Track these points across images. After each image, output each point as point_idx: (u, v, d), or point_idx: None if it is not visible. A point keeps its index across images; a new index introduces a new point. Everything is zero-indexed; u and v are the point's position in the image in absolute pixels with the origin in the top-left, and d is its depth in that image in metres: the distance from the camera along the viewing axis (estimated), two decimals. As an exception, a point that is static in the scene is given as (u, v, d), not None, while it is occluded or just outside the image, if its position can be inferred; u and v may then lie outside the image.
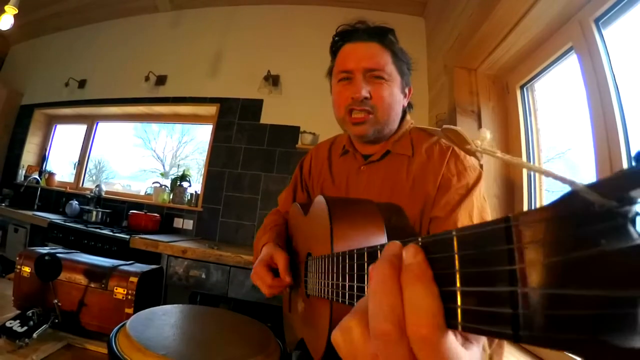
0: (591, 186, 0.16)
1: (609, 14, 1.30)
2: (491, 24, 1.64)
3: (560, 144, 1.75)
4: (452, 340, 0.24)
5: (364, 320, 0.28)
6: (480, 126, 1.94)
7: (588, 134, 1.33)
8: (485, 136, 0.47)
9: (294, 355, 1.00)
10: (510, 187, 1.87)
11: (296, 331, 0.87)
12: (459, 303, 0.22)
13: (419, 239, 0.27)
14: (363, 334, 0.28)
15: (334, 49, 1.00)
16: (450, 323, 0.23)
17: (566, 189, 0.18)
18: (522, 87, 1.88)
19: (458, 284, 0.22)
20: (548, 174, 0.25)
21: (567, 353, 0.17)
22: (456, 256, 0.23)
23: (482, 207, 0.86)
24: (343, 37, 0.97)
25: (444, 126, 0.56)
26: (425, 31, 3.02)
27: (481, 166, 0.91)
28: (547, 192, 1.73)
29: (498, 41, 1.73)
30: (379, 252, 0.34)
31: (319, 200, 0.72)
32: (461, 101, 1.99)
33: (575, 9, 1.41)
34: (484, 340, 0.25)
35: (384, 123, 0.93)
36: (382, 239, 0.60)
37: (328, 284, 0.54)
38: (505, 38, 1.68)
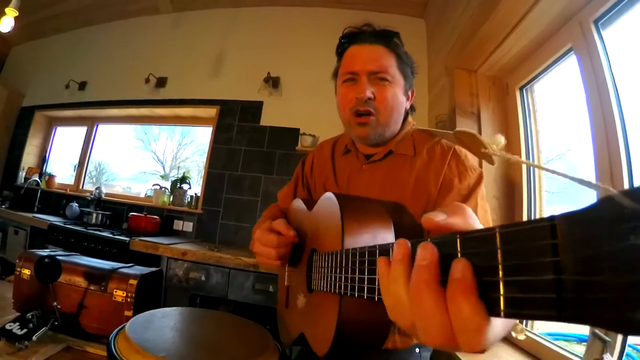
0: (624, 192, 0.19)
1: (609, 15, 1.30)
2: (491, 25, 1.64)
3: (559, 144, 1.75)
4: (489, 331, 0.28)
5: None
6: (480, 127, 1.94)
7: (587, 135, 1.33)
8: (500, 141, 0.49)
9: (294, 351, 1.00)
10: (510, 188, 1.87)
11: (295, 326, 0.87)
12: (501, 292, 0.25)
13: (457, 235, 0.30)
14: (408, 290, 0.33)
15: (340, 51, 1.01)
16: (492, 311, 0.27)
17: (566, 188, 0.21)
18: (521, 89, 1.88)
19: (500, 274, 0.25)
20: (572, 178, 0.29)
21: (600, 328, 0.21)
22: (499, 251, 0.26)
23: (484, 207, 0.87)
24: (349, 39, 0.98)
25: (458, 129, 0.56)
26: (426, 32, 3.02)
27: (481, 166, 0.92)
28: (547, 193, 1.73)
29: (498, 42, 1.73)
30: (390, 250, 0.37)
31: (329, 196, 0.72)
32: (461, 102, 1.99)
33: (574, 10, 1.41)
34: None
35: (386, 125, 0.94)
36: (390, 236, 0.61)
37: (338, 278, 0.55)
38: (505, 39, 1.68)
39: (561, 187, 1.70)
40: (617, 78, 1.26)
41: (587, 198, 1.36)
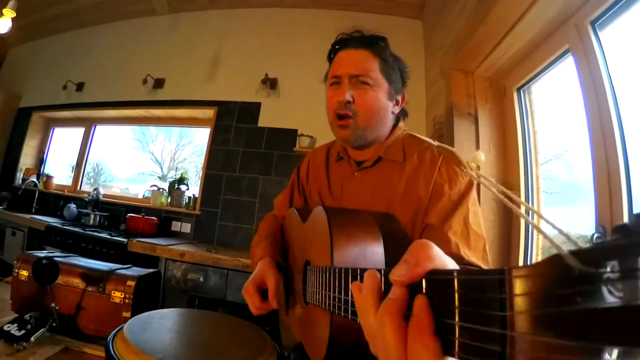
0: (574, 253, 0.18)
1: (605, 17, 1.31)
2: (488, 26, 1.64)
3: (557, 145, 1.76)
4: None
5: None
6: (477, 128, 1.95)
7: (585, 136, 1.34)
8: (480, 158, 0.48)
9: (291, 357, 1.00)
10: (508, 189, 1.87)
11: (293, 335, 0.88)
12: (456, 336, 0.26)
13: (423, 278, 0.30)
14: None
15: (331, 56, 1.03)
16: (448, 352, 0.27)
17: (565, 189, 0.21)
18: (519, 90, 1.89)
19: (457, 319, 0.26)
20: (546, 220, 0.28)
21: None
22: (456, 294, 0.26)
23: (475, 212, 0.87)
24: (339, 44, 1.00)
25: (438, 144, 0.56)
26: (423, 34, 3.03)
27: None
28: (545, 194, 1.73)
29: (495, 44, 1.73)
30: (381, 274, 0.37)
31: (319, 210, 0.73)
32: (458, 104, 1.99)
33: (571, 11, 1.42)
34: None
35: (366, 128, 0.94)
36: (379, 249, 0.62)
37: (328, 295, 0.56)
38: (502, 41, 1.69)
39: (559, 187, 1.71)
40: (614, 79, 1.27)
41: (586, 199, 1.37)
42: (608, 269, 0.17)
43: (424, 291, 0.30)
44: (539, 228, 0.28)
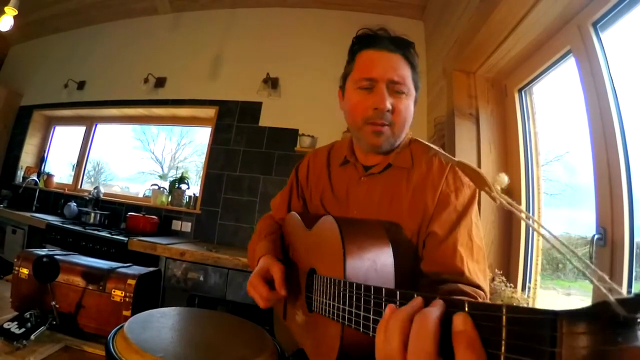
0: (620, 300, 0.22)
1: (607, 18, 1.31)
2: (490, 27, 1.64)
3: (558, 147, 1.76)
4: None
5: None
6: (478, 129, 1.94)
7: (586, 137, 1.34)
8: (504, 181, 0.49)
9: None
10: (508, 190, 1.87)
11: (293, 340, 0.88)
12: None
13: (466, 305, 0.34)
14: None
15: (353, 52, 0.96)
16: None
17: (565, 190, 0.24)
18: (520, 91, 1.89)
19: (503, 350, 0.29)
20: (569, 250, 0.35)
21: None
22: (504, 329, 0.29)
23: (477, 224, 0.88)
24: (365, 41, 0.93)
25: (461, 161, 0.54)
26: (424, 35, 3.03)
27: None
28: (546, 195, 1.73)
29: (496, 44, 1.73)
30: (397, 295, 0.42)
31: (329, 219, 0.73)
32: (460, 104, 1.99)
33: (573, 12, 1.42)
34: None
35: (398, 137, 0.93)
36: (390, 260, 0.64)
37: (340, 308, 0.57)
38: (503, 41, 1.69)
39: (560, 189, 1.71)
40: (615, 80, 1.26)
41: (585, 201, 1.36)
42: None
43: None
44: (575, 255, 0.34)
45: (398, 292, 0.42)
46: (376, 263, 0.63)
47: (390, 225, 0.84)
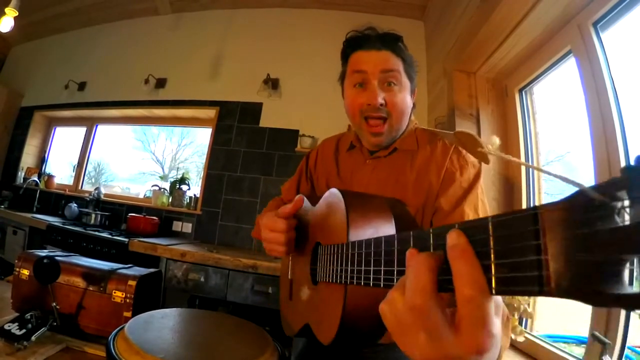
0: (593, 187, 0.23)
1: (607, 17, 1.31)
2: (490, 27, 1.64)
3: (559, 147, 1.76)
4: (491, 305, 0.30)
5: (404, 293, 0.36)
6: (479, 129, 1.94)
7: (586, 137, 1.34)
8: (495, 141, 0.55)
9: (300, 342, 1.00)
10: (509, 190, 1.87)
11: (299, 318, 0.87)
12: (493, 272, 0.30)
13: (456, 225, 0.34)
14: (405, 303, 0.35)
15: (345, 55, 1.00)
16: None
17: (565, 191, 0.26)
18: (520, 91, 1.89)
19: (492, 258, 0.30)
20: (556, 176, 0.33)
21: (577, 301, 0.24)
22: (491, 237, 0.30)
23: (483, 201, 0.89)
24: (354, 43, 0.97)
25: (458, 130, 0.61)
26: (425, 35, 3.03)
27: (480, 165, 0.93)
28: (546, 195, 1.73)
29: (497, 44, 1.73)
30: (412, 237, 0.40)
31: (333, 191, 0.75)
32: (460, 104, 1.99)
33: (573, 12, 1.42)
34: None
35: (397, 130, 0.96)
36: (391, 230, 0.65)
37: (343, 270, 0.58)
38: (504, 41, 1.69)
39: (560, 189, 1.71)
40: (616, 80, 1.26)
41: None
42: (619, 198, 0.22)
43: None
44: (557, 175, 0.34)
45: (412, 233, 0.41)
46: (379, 232, 0.64)
47: (394, 201, 0.85)
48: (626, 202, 0.22)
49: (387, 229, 0.65)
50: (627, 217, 0.22)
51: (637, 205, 0.21)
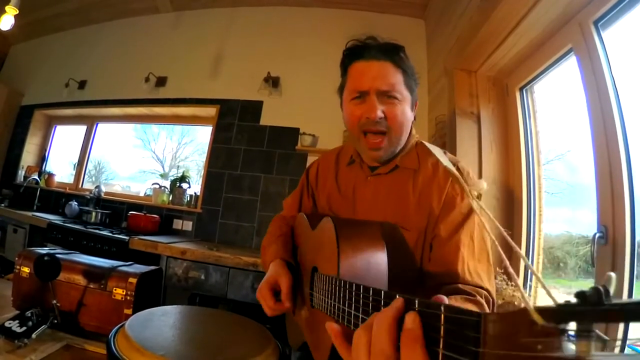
0: (539, 309, 0.23)
1: (608, 16, 1.30)
2: (491, 25, 1.64)
3: (559, 145, 1.75)
4: None
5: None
6: (480, 128, 1.94)
7: (587, 136, 1.34)
8: (482, 187, 0.57)
9: (295, 355, 1.01)
10: (510, 189, 1.88)
11: (299, 335, 0.89)
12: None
13: (417, 303, 0.36)
14: (366, 344, 0.40)
15: (345, 65, 0.98)
16: None
17: (565, 189, 0.26)
18: (521, 89, 1.89)
19: (441, 347, 0.31)
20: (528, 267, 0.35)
21: None
22: (442, 327, 0.32)
23: (480, 223, 0.88)
24: (354, 53, 0.95)
25: (447, 162, 0.64)
26: (426, 33, 3.02)
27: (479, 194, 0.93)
28: (547, 194, 1.73)
29: (498, 43, 1.73)
30: (382, 294, 0.44)
31: (327, 220, 0.77)
32: (461, 103, 1.99)
33: (574, 10, 1.42)
34: None
35: (397, 144, 0.94)
36: (383, 259, 0.68)
37: (333, 305, 0.61)
38: (505, 40, 1.69)
39: (561, 188, 1.71)
40: (616, 79, 1.26)
41: (586, 200, 1.36)
42: (567, 327, 0.22)
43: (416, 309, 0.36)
44: (535, 273, 0.38)
45: (382, 292, 0.44)
46: (370, 263, 0.66)
47: (390, 228, 0.85)
48: (572, 333, 0.21)
49: (378, 259, 0.68)
50: (568, 350, 0.21)
51: (585, 339, 0.21)
